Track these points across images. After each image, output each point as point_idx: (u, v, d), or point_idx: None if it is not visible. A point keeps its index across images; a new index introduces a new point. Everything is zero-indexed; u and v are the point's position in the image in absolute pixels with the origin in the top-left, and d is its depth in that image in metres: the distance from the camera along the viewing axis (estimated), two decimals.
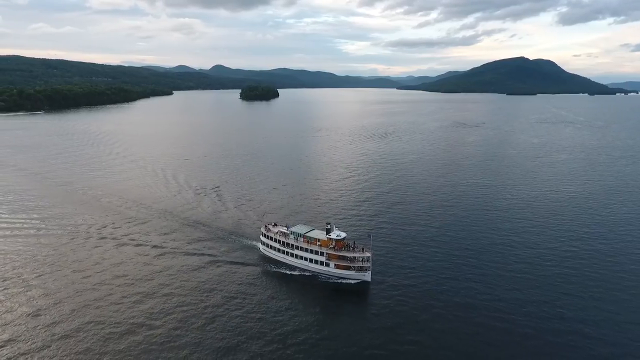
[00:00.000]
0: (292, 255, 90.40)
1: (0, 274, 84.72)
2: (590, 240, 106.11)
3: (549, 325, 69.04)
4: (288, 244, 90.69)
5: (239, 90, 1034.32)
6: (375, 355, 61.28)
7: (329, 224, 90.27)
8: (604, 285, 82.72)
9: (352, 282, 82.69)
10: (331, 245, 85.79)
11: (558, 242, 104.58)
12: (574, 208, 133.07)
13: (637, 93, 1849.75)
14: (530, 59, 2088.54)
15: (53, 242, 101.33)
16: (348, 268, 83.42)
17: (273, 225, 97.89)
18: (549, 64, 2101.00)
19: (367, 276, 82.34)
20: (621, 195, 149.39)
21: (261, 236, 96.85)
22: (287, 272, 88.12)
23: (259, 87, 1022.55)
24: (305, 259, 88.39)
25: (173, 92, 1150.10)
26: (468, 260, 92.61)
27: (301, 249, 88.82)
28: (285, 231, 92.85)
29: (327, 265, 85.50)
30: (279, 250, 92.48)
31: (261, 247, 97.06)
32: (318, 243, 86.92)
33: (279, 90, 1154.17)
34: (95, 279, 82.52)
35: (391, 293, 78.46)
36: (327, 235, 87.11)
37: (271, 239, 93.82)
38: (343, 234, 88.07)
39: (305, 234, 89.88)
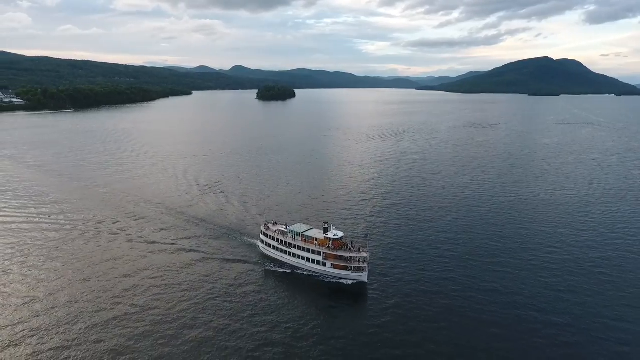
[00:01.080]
0: (290, 254, 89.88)
1: None
2: (580, 239, 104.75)
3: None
4: (286, 242, 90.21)
5: (257, 90, 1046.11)
6: (370, 356, 60.79)
7: (327, 223, 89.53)
8: (584, 281, 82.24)
9: (349, 282, 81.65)
10: (328, 245, 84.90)
11: (548, 240, 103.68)
12: (570, 208, 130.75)
13: None
14: (555, 58, 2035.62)
15: (51, 235, 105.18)
16: (345, 268, 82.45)
17: (273, 224, 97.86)
18: (575, 64, 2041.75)
19: (364, 277, 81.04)
20: (622, 196, 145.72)
21: (261, 234, 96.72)
22: (286, 271, 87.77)
23: (275, 87, 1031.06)
24: (303, 258, 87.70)
25: (192, 92, 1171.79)
26: (466, 261, 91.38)
27: (299, 248, 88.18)
28: (284, 230, 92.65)
29: (324, 265, 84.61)
30: (277, 248, 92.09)
31: (261, 245, 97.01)
32: (315, 242, 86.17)
33: (297, 91, 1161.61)
34: (87, 272, 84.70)
35: (388, 295, 77.38)
36: (325, 235, 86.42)
37: (270, 237, 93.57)
38: (340, 234, 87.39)
39: (303, 233, 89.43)
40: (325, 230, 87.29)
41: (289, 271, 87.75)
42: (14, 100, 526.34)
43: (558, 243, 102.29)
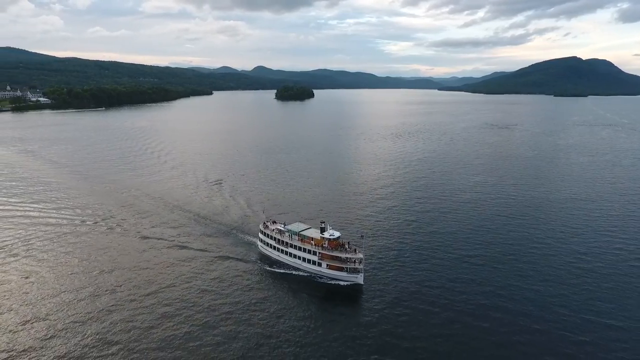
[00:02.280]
0: (287, 253, 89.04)
1: None
2: (571, 238, 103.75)
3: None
4: (283, 241, 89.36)
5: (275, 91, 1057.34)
6: (363, 359, 60.00)
7: (324, 222, 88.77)
8: (568, 279, 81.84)
9: (345, 283, 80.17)
10: (324, 245, 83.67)
11: (545, 239, 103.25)
12: (569, 209, 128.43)
13: None
14: (584, 58, 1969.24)
15: (53, 229, 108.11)
16: (340, 269, 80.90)
17: (272, 223, 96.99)
18: (605, 64, 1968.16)
19: (360, 278, 79.39)
20: (625, 198, 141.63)
21: (259, 233, 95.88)
22: (283, 270, 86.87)
23: (293, 88, 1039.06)
24: (299, 257, 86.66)
25: (213, 92, 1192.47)
26: (463, 262, 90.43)
27: (295, 247, 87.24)
28: (282, 229, 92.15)
29: (320, 265, 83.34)
30: (274, 248, 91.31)
31: (259, 244, 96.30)
32: (312, 242, 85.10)
33: (317, 91, 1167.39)
34: (82, 266, 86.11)
35: (382, 297, 75.74)
36: (321, 235, 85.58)
37: (268, 236, 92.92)
38: (337, 234, 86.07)
39: (300, 232, 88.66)
40: (322, 230, 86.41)
41: (286, 271, 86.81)
42: (41, 99, 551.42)
43: (553, 240, 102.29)
